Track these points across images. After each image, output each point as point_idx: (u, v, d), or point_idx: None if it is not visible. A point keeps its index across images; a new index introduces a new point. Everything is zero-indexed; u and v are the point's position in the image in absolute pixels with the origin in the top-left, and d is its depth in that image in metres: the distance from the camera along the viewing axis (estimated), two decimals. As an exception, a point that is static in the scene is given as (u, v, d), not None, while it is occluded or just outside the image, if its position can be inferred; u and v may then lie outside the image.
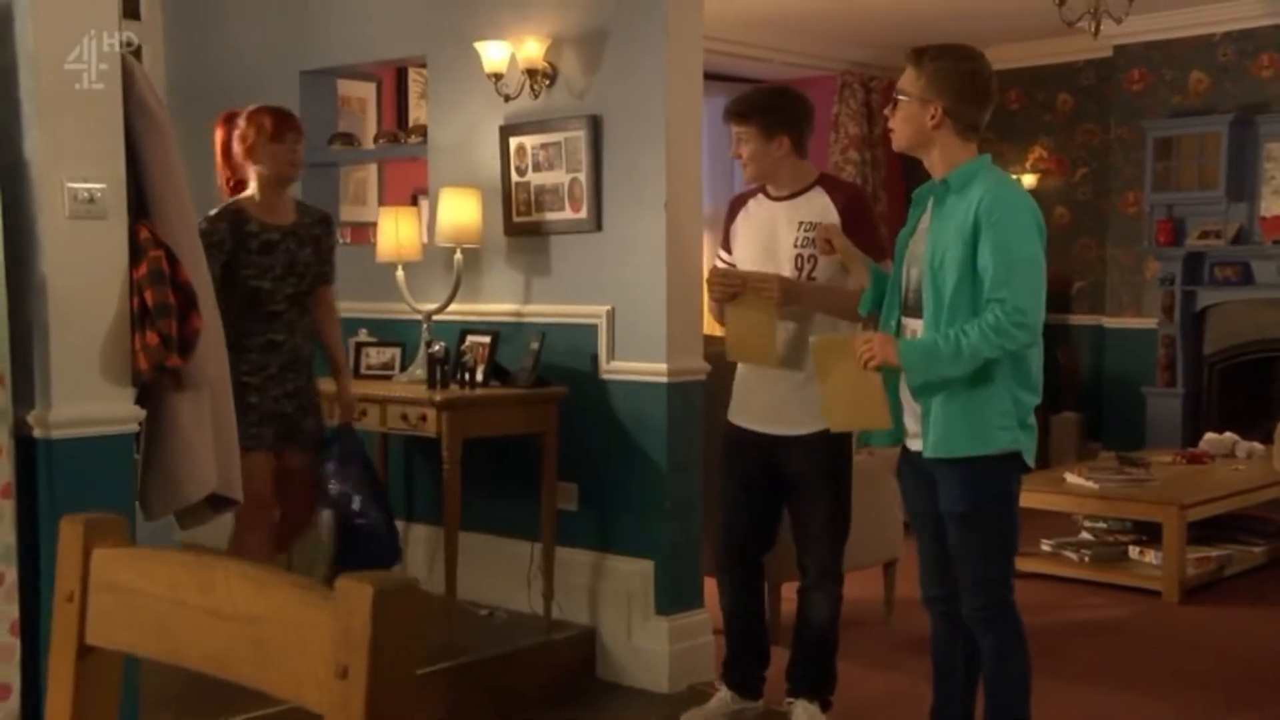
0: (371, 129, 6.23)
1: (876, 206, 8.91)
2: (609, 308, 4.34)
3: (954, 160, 3.08)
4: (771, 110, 3.62)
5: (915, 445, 3.15)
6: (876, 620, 5.07)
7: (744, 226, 3.76)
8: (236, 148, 3.76)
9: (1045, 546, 5.95)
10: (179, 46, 5.74)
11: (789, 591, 4.86)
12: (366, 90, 6.52)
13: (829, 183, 3.72)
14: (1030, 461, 3.10)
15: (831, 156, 8.81)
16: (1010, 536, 3.14)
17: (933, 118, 3.05)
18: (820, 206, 3.63)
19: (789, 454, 3.66)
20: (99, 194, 2.85)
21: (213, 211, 3.66)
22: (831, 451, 3.66)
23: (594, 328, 4.38)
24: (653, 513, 4.28)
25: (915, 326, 3.11)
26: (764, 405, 3.68)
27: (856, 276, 3.51)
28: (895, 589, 5.14)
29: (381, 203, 5.87)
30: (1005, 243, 2.94)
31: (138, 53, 5.65)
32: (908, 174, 9.25)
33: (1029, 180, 8.88)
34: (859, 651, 4.69)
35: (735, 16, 7.66)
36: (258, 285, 3.62)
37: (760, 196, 3.74)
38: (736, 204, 3.84)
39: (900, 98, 3.11)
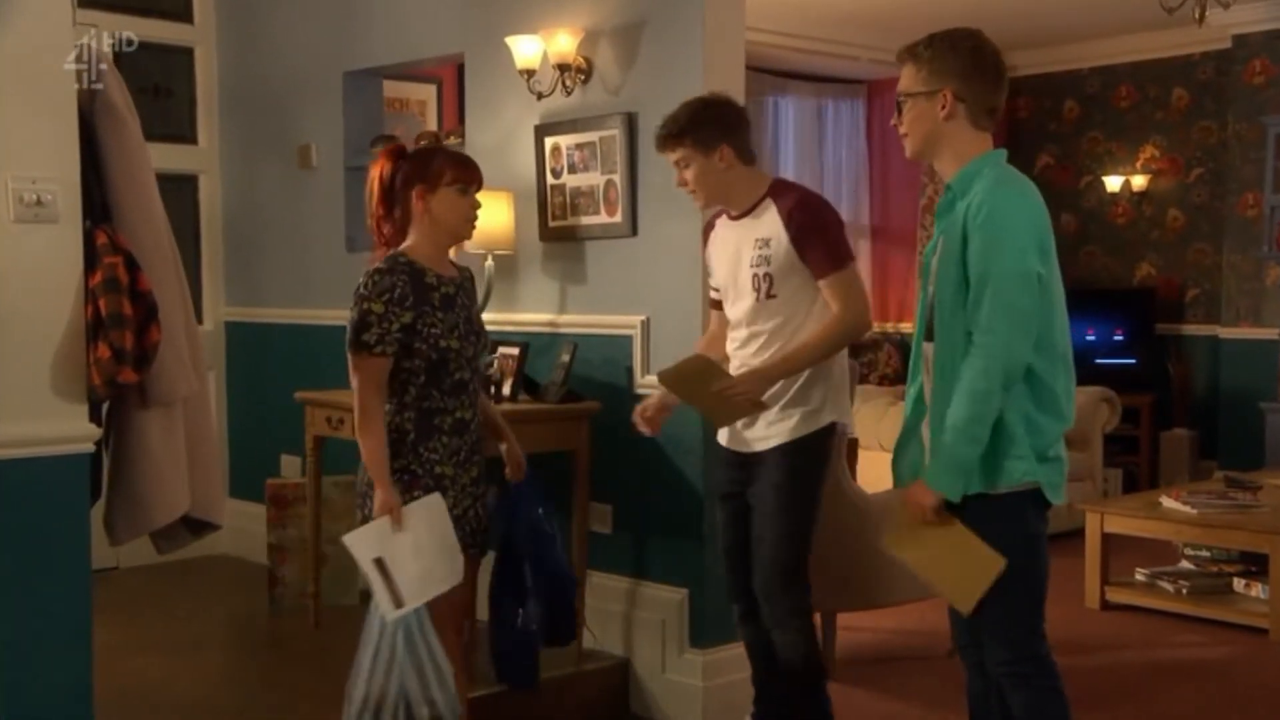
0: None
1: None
2: (644, 318, 4.08)
3: (965, 157, 2.72)
4: (704, 122, 3.31)
5: None
6: (941, 655, 4.70)
7: (715, 254, 3.50)
8: (409, 193, 3.07)
9: (1139, 576, 5.51)
10: (230, 48, 5.68)
11: (845, 620, 4.55)
12: (427, 92, 6.38)
13: (778, 191, 3.38)
14: (1055, 498, 2.71)
15: (926, 158, 8.41)
16: (1035, 584, 2.76)
17: (943, 108, 2.69)
18: (770, 220, 3.33)
19: (752, 472, 3.42)
20: (49, 196, 2.68)
21: (380, 264, 3.02)
22: (790, 471, 3.35)
23: (628, 339, 4.13)
24: (689, 538, 4.01)
25: (930, 351, 2.78)
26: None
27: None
28: (965, 622, 4.75)
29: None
30: (985, 251, 2.58)
31: (191, 53, 5.63)
32: (1010, 175, 8.79)
33: (1139, 182, 8.36)
34: (918, 689, 4.36)
35: (823, 13, 7.35)
36: (446, 344, 3.00)
37: (724, 216, 3.47)
38: (707, 230, 3.56)
39: (904, 99, 2.75)
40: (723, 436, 3.50)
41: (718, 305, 3.57)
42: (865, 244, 8.62)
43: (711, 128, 3.31)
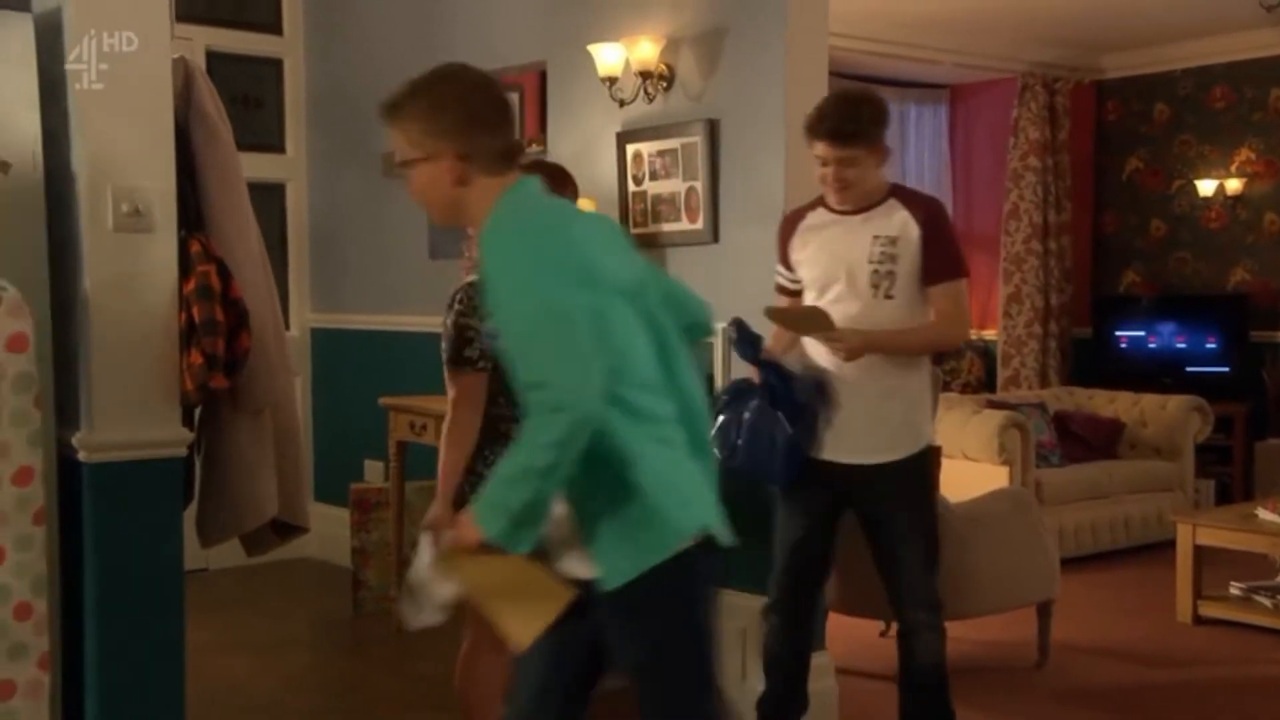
0: (514, 140, 6.11)
1: (1060, 216, 8.35)
2: (725, 324, 4.05)
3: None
4: (878, 123, 3.27)
5: None
6: (1028, 667, 4.62)
7: (808, 245, 3.39)
8: None
9: (1234, 590, 5.35)
10: (317, 59, 5.77)
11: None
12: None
13: (905, 195, 3.35)
14: (726, 537, 2.27)
15: (1011, 163, 8.30)
16: (696, 676, 2.32)
17: (451, 173, 2.21)
18: (899, 221, 3.26)
19: (869, 485, 3.31)
20: (146, 206, 2.74)
21: (475, 278, 2.88)
22: (918, 479, 3.33)
23: (709, 346, 4.11)
24: (769, 545, 3.97)
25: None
26: (836, 430, 3.31)
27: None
28: (1050, 633, 4.67)
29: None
30: (500, 304, 2.12)
31: (280, 64, 5.73)
32: (1099, 181, 8.64)
33: (1234, 185, 8.15)
34: (1005, 701, 4.28)
35: (906, 17, 7.27)
36: None
37: (820, 210, 3.38)
38: (793, 220, 3.46)
39: (404, 167, 2.26)
40: (827, 450, 3.32)
41: (787, 294, 3.52)
42: (948, 250, 8.52)
43: (880, 129, 3.28)
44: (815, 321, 3.26)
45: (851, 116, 3.24)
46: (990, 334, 8.43)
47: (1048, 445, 6.60)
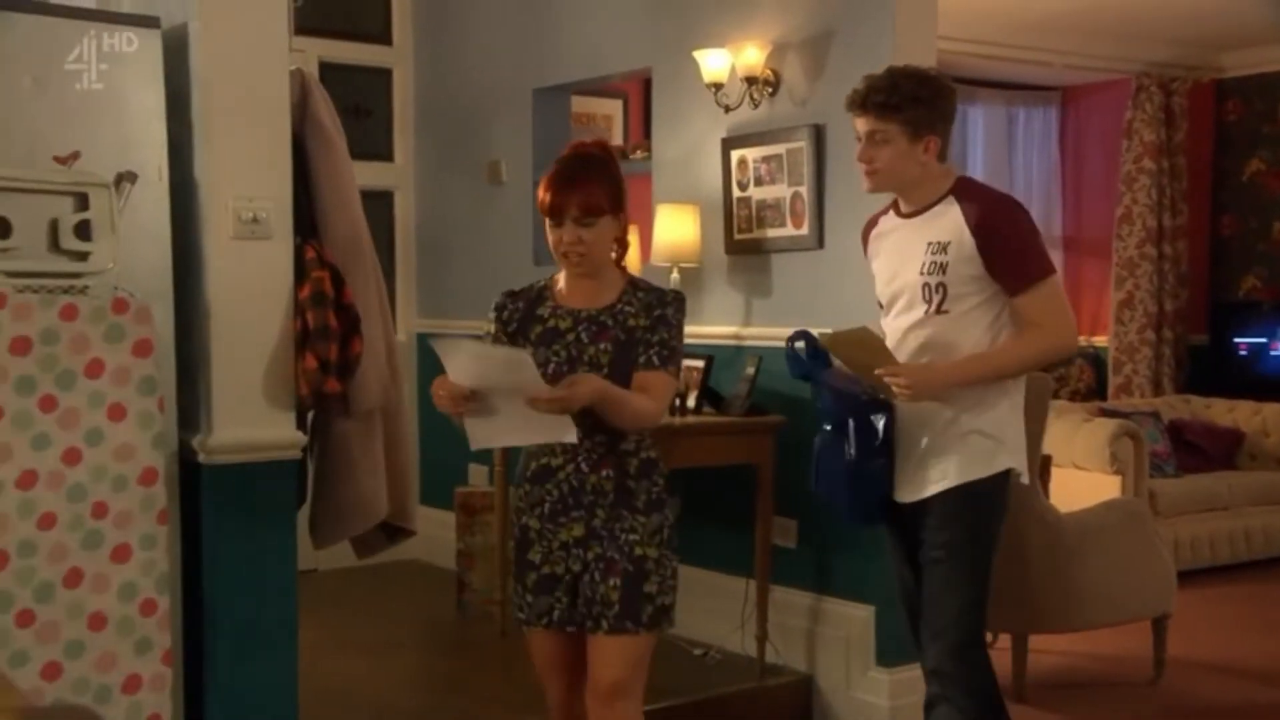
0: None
1: (1175, 219, 8.11)
2: (829, 330, 4.03)
3: None
4: (923, 102, 2.83)
5: None
6: (1142, 682, 4.51)
7: (878, 255, 3.05)
8: None
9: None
10: (425, 68, 5.86)
11: (1036, 642, 4.40)
12: (613, 107, 6.47)
13: (963, 191, 2.89)
14: None
15: (1124, 166, 8.10)
16: None
17: None
18: (950, 223, 2.84)
19: (918, 524, 2.93)
20: (264, 214, 2.82)
21: (521, 287, 2.80)
22: (964, 525, 2.86)
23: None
24: (875, 554, 3.92)
25: None
26: (900, 467, 2.95)
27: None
28: (1166, 647, 4.55)
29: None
30: None
31: (390, 74, 5.84)
32: (1217, 183, 8.39)
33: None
34: (1117, 717, 4.18)
35: (1011, 19, 7.15)
36: None
37: (890, 214, 3.02)
38: (866, 230, 3.12)
39: None
40: (897, 490, 2.97)
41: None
42: (1057, 255, 8.34)
43: (928, 111, 2.84)
44: (870, 350, 2.86)
45: (886, 87, 2.84)
46: (1101, 340, 8.23)
47: (1162, 455, 6.43)
